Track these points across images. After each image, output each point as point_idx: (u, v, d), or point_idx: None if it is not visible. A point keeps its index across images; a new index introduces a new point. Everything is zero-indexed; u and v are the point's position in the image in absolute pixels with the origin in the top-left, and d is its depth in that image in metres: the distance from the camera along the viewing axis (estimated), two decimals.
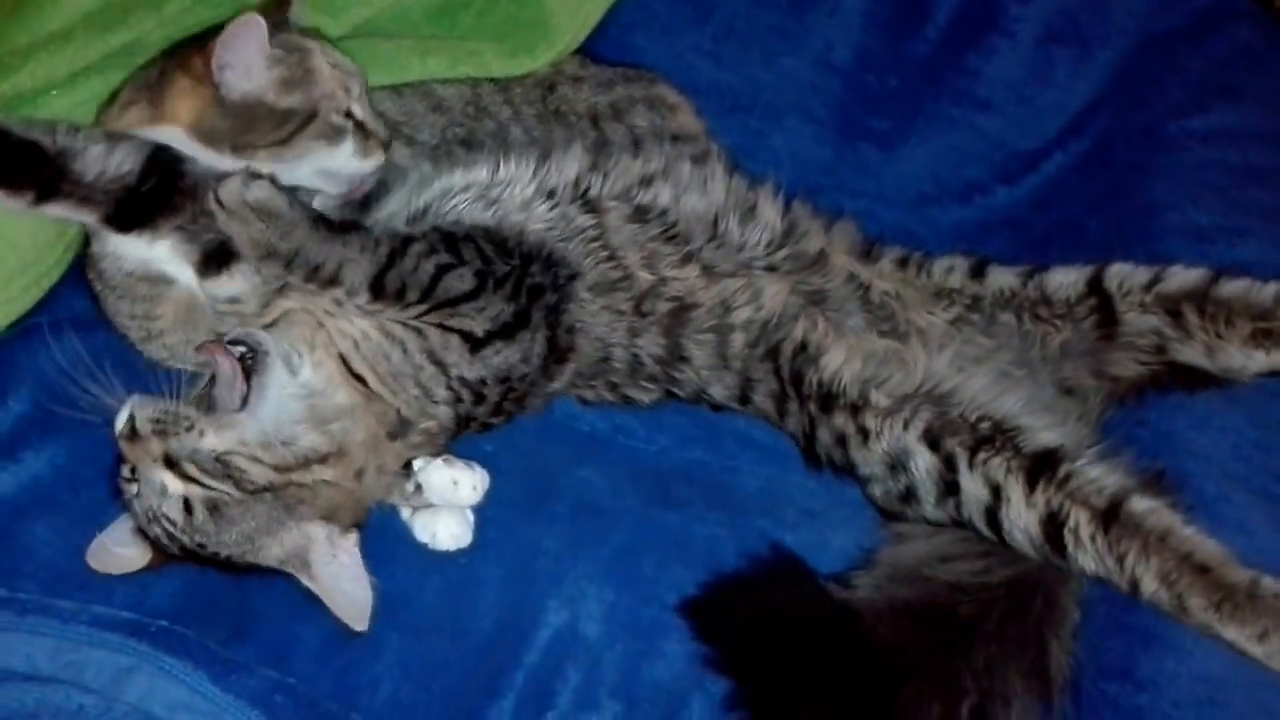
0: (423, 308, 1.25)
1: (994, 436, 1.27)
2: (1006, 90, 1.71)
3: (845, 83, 1.74)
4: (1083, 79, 1.69)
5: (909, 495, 1.31)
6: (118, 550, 1.20)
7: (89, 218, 1.24)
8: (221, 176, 1.23)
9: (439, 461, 1.30)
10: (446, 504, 1.29)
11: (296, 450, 1.20)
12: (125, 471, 1.20)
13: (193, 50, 1.29)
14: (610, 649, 1.24)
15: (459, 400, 1.29)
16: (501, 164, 1.38)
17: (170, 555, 1.20)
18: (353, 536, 1.22)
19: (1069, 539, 1.21)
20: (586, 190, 1.39)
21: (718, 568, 1.29)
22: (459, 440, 1.35)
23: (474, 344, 1.27)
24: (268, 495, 1.18)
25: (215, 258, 1.25)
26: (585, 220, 1.36)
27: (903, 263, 1.46)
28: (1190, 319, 1.34)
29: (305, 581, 1.20)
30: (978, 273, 1.43)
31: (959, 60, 1.72)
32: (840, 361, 1.34)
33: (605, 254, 1.36)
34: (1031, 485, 1.24)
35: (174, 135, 1.27)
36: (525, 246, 1.31)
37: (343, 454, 1.22)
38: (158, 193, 1.23)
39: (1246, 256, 1.45)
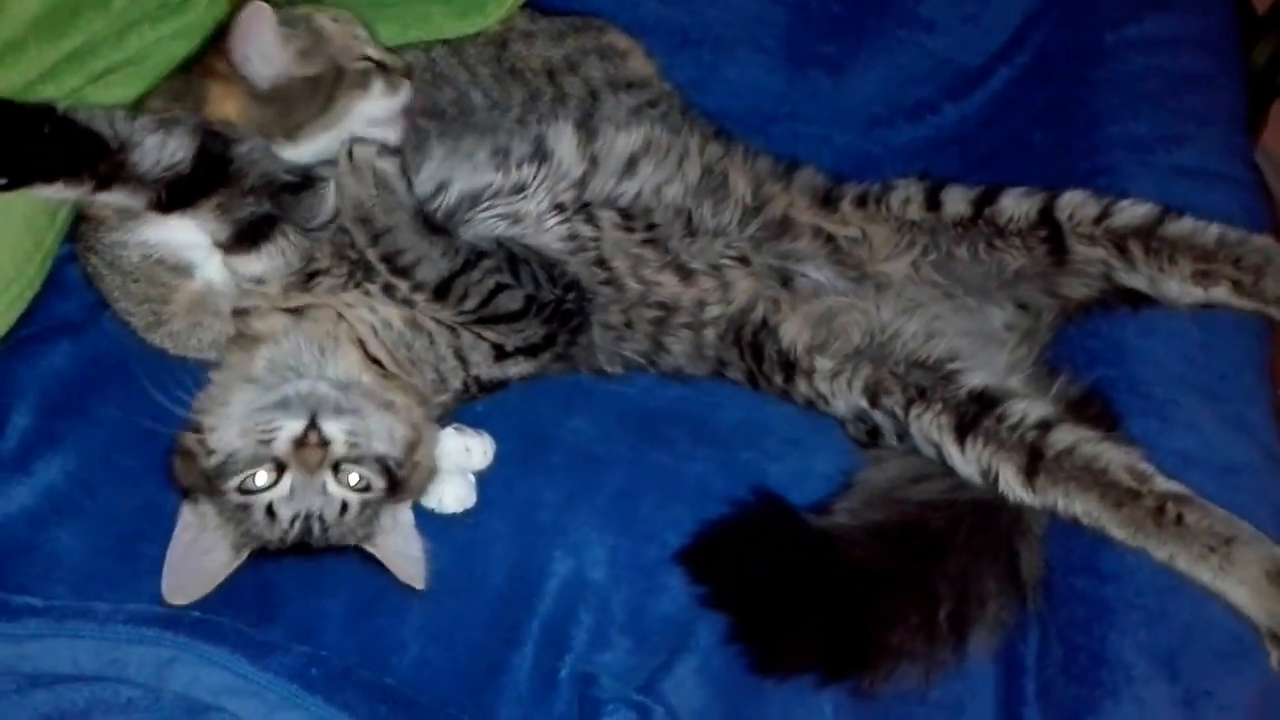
0: (472, 316, 1.31)
1: (925, 388, 1.36)
2: (949, 8, 1.73)
3: (790, 11, 1.76)
4: None
5: (876, 434, 1.41)
6: (206, 559, 1.23)
7: (139, 202, 1.24)
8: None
9: (450, 430, 1.36)
10: (459, 470, 1.35)
11: (399, 439, 1.26)
12: (259, 480, 1.22)
13: (209, 54, 1.32)
14: (617, 590, 1.31)
15: (467, 390, 1.37)
16: (511, 161, 1.42)
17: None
18: (407, 503, 1.29)
19: (1005, 490, 1.31)
20: (587, 201, 1.43)
21: (709, 503, 1.35)
22: None
23: (500, 353, 1.35)
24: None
25: (247, 235, 1.27)
26: (588, 231, 1.41)
27: (862, 200, 1.50)
28: (1135, 254, 1.39)
29: (369, 549, 1.27)
30: (933, 202, 1.48)
31: None
32: (795, 332, 1.42)
33: (604, 273, 1.41)
34: (961, 441, 1.33)
35: None
36: (567, 277, 1.37)
37: (418, 433, 1.29)
38: (206, 178, 1.24)
39: (1184, 162, 1.52)
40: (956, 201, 1.48)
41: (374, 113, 1.38)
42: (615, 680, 1.26)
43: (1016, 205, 1.44)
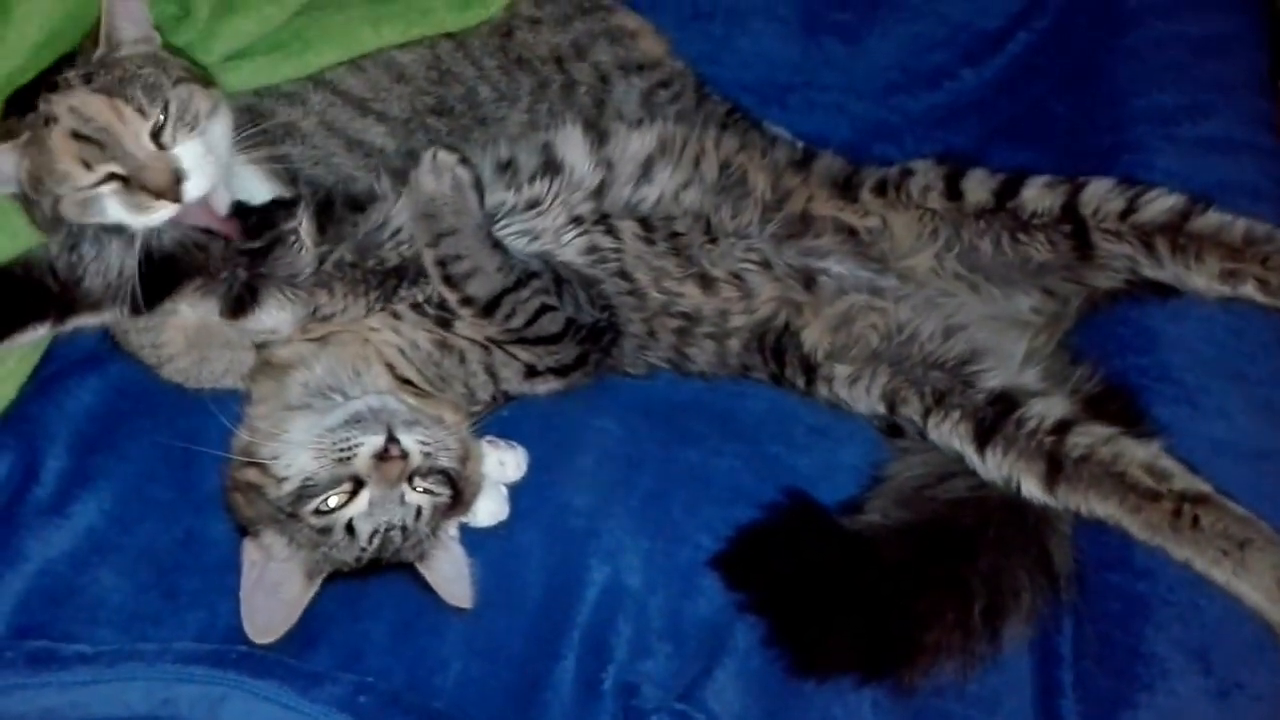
0: (514, 335, 1.31)
1: (943, 393, 1.36)
2: None
3: None
4: None
5: (898, 430, 1.41)
6: (281, 592, 1.23)
7: (108, 318, 1.24)
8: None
9: (484, 444, 1.36)
10: (491, 483, 1.35)
11: (454, 452, 1.28)
12: (331, 501, 1.23)
13: None
14: (653, 595, 1.32)
15: (495, 400, 1.37)
16: (521, 177, 1.40)
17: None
18: (454, 521, 1.30)
19: (1028, 497, 1.32)
20: (605, 212, 1.41)
21: (739, 502, 1.36)
22: None
23: (530, 372, 1.35)
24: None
25: (240, 302, 1.27)
26: (608, 243, 1.39)
27: (881, 188, 1.47)
28: (1162, 252, 1.38)
29: (422, 569, 1.28)
30: (954, 191, 1.45)
31: None
32: (815, 337, 1.41)
33: (626, 284, 1.39)
34: (981, 450, 1.33)
35: None
36: (603, 300, 1.36)
37: (466, 447, 1.30)
38: (163, 278, 1.24)
39: (1210, 134, 1.50)
40: (977, 191, 1.45)
41: (130, 226, 1.22)
42: (657, 688, 1.27)
43: (1039, 199, 1.42)
